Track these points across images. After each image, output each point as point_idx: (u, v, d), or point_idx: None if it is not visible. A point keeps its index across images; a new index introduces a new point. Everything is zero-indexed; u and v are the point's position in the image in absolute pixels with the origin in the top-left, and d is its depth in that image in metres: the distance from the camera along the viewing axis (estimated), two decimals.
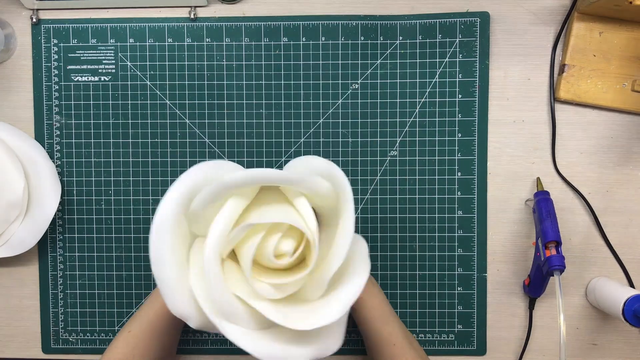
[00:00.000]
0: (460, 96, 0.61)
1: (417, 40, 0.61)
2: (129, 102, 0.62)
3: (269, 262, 0.42)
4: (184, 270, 0.42)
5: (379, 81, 0.61)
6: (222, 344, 0.63)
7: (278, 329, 0.42)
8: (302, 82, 0.62)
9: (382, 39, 0.61)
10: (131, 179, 0.63)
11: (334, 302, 0.41)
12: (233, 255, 0.44)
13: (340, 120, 0.62)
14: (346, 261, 0.42)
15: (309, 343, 0.42)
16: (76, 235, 0.63)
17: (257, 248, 0.41)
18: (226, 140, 0.62)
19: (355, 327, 0.62)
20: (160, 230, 0.40)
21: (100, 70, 0.62)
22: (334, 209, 0.43)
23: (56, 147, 0.63)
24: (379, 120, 0.62)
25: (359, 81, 0.62)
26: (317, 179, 0.41)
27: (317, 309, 0.41)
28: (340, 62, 0.62)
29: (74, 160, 0.63)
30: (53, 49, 0.62)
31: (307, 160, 0.43)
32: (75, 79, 0.62)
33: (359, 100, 0.62)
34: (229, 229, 0.41)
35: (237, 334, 0.40)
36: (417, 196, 0.62)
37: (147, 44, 0.62)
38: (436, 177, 0.62)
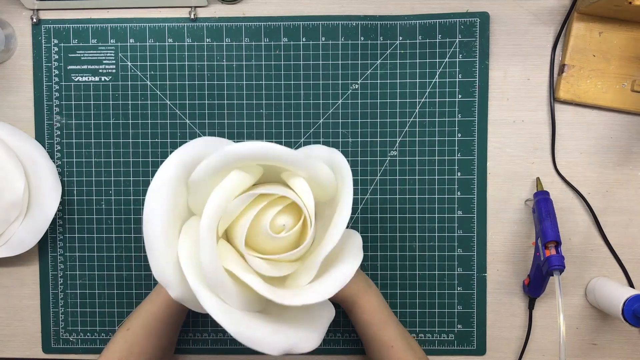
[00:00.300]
0: (460, 96, 0.61)
1: (417, 41, 0.61)
2: (129, 102, 0.62)
3: (265, 236, 0.42)
4: (174, 237, 0.42)
5: (379, 81, 0.62)
6: (222, 344, 0.63)
7: (259, 314, 0.42)
8: (302, 82, 0.62)
9: (382, 39, 0.61)
10: (131, 179, 0.63)
11: (322, 285, 0.41)
12: (227, 238, 0.45)
13: (340, 120, 0.62)
14: (339, 250, 0.42)
15: (285, 334, 0.42)
16: (76, 235, 0.63)
17: (254, 219, 0.41)
18: None
19: (351, 327, 0.62)
20: (157, 190, 0.40)
21: (100, 71, 0.62)
22: (331, 199, 0.44)
23: (56, 147, 0.63)
24: (379, 120, 0.62)
25: (359, 81, 0.62)
26: (320, 163, 0.42)
27: (306, 290, 0.41)
28: (340, 62, 0.62)
29: (74, 160, 0.63)
30: (53, 49, 0.62)
31: (310, 149, 0.44)
32: (76, 79, 0.63)
33: (359, 100, 0.62)
34: (229, 200, 0.40)
35: (216, 308, 0.40)
36: (417, 196, 0.62)
37: (148, 44, 0.62)
38: (436, 177, 0.62)
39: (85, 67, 0.62)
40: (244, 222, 0.41)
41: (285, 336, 0.41)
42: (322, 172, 0.42)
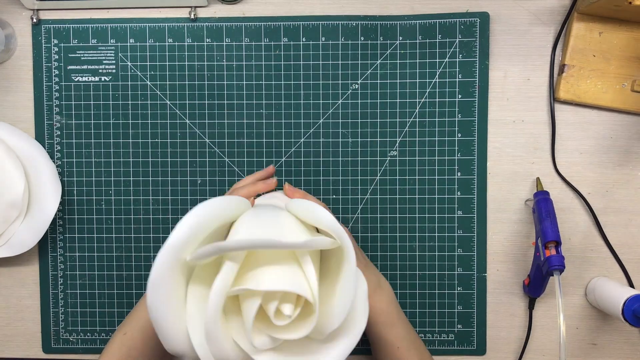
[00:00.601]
0: (460, 96, 0.61)
1: (417, 41, 0.61)
2: (129, 102, 0.62)
3: (268, 320, 0.42)
4: (181, 311, 0.42)
5: (379, 81, 0.62)
6: None
7: None
8: (302, 82, 0.62)
9: (382, 39, 0.61)
10: (131, 179, 0.63)
11: (333, 351, 0.41)
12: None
13: (340, 120, 0.62)
14: None
15: None
16: (76, 235, 0.63)
17: (257, 310, 0.40)
18: (226, 140, 0.62)
19: None
20: (157, 283, 0.40)
21: (100, 71, 0.62)
22: (337, 252, 0.43)
23: (56, 147, 0.63)
24: (379, 120, 0.62)
25: (359, 81, 0.62)
26: (321, 240, 0.40)
27: (316, 355, 0.41)
28: (340, 62, 0.62)
29: (74, 160, 0.63)
30: (53, 49, 0.62)
31: (313, 210, 0.42)
32: (76, 79, 0.63)
33: (359, 100, 0.62)
34: (228, 286, 0.40)
35: None
36: (417, 196, 0.62)
37: (148, 44, 0.62)
38: (436, 177, 0.62)
39: (85, 67, 0.62)
40: (248, 312, 0.41)
41: None
42: (325, 245, 0.41)
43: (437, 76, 0.61)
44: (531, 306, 0.62)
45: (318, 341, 0.42)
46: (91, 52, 0.62)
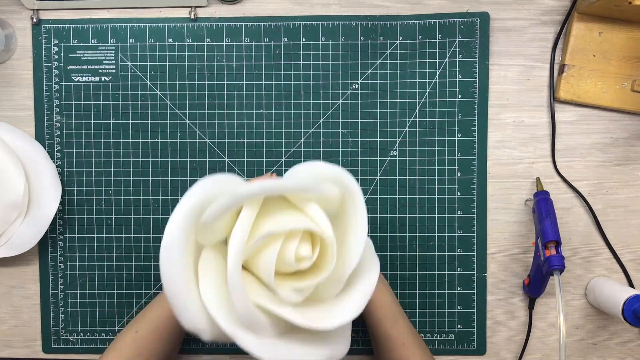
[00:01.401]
0: (460, 96, 0.61)
1: (417, 41, 0.61)
2: (130, 102, 0.62)
3: (288, 267, 0.42)
4: (195, 284, 0.42)
5: (379, 81, 0.62)
6: (221, 344, 0.63)
7: (291, 335, 0.42)
8: (302, 82, 0.62)
9: (382, 39, 0.61)
10: (131, 179, 0.63)
11: (351, 300, 0.42)
12: (246, 267, 0.44)
13: (340, 120, 0.62)
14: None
15: (321, 347, 0.42)
16: (76, 235, 0.63)
17: (278, 254, 0.41)
18: (226, 140, 0.62)
19: (359, 327, 0.62)
20: (171, 247, 0.40)
21: (100, 71, 0.62)
22: (338, 211, 0.44)
23: (56, 147, 0.63)
24: (379, 120, 0.62)
25: (359, 81, 0.62)
26: (328, 185, 0.41)
27: (335, 307, 0.42)
28: (340, 62, 0.62)
29: (74, 160, 0.63)
30: (53, 49, 0.62)
31: (312, 166, 0.43)
32: (76, 79, 0.63)
33: (359, 100, 0.62)
34: (246, 239, 0.41)
35: (254, 344, 0.40)
36: (417, 196, 0.62)
37: (148, 44, 0.62)
38: (436, 177, 0.62)
39: (85, 67, 0.62)
40: (269, 259, 0.41)
41: (320, 351, 0.42)
42: (331, 193, 0.42)
43: (437, 76, 0.61)
44: (531, 306, 0.62)
45: (336, 297, 0.43)
46: (91, 52, 0.62)
